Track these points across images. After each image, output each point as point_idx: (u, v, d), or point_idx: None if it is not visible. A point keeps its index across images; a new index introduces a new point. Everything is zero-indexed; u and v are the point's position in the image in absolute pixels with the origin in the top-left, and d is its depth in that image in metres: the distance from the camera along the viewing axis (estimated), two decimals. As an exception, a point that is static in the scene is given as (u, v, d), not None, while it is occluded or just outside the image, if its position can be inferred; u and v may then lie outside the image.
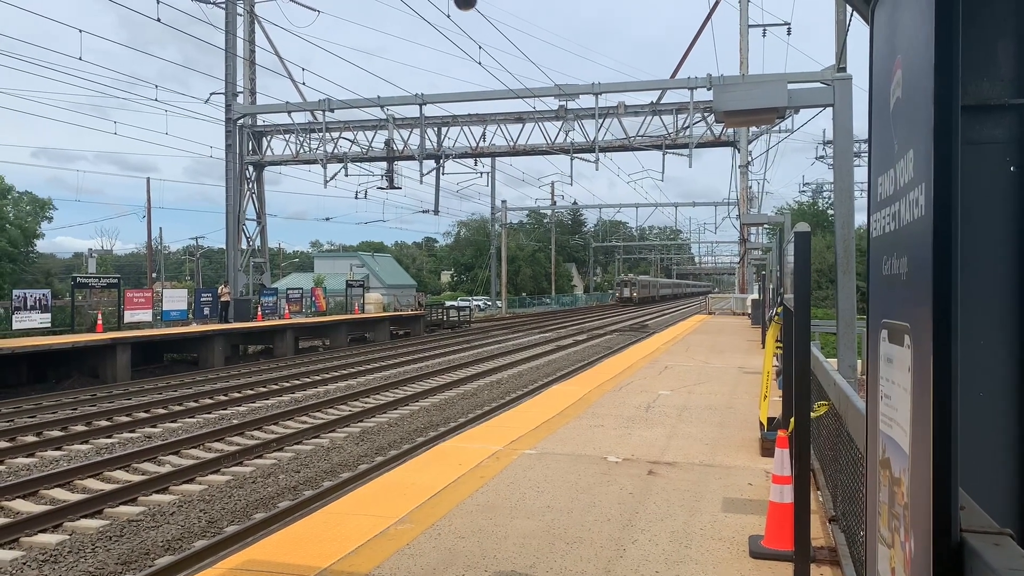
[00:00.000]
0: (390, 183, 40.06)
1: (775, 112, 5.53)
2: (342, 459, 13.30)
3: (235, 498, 10.94)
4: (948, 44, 1.86)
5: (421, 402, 19.21)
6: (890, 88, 2.39)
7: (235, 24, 38.84)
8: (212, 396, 19.92)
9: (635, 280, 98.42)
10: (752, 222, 25.69)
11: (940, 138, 1.83)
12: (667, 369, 17.60)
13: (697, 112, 35.63)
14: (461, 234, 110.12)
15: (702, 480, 7.74)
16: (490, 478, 7.74)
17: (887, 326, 2.37)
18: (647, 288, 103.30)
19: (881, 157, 2.52)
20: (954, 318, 1.81)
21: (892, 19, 2.44)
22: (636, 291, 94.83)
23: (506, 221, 73.57)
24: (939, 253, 1.83)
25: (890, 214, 2.37)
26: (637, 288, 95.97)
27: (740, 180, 40.25)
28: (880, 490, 2.46)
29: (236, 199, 40.50)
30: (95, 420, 16.47)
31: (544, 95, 35.95)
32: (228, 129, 40.03)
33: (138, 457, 13.00)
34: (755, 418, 9.98)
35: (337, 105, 37.94)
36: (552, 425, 10.62)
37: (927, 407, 1.86)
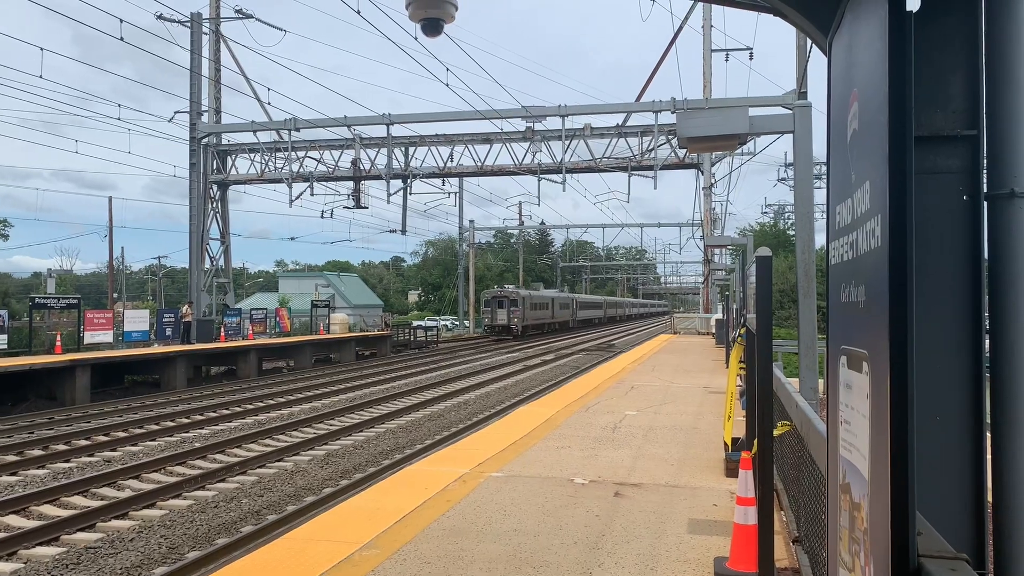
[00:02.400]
0: (357, 203, 39.89)
1: (737, 138, 5.63)
2: (306, 483, 13.13)
3: (197, 523, 10.75)
4: (901, 79, 1.92)
5: (387, 424, 19.07)
6: (847, 120, 2.44)
7: (200, 43, 38.60)
8: (174, 419, 19.58)
9: (519, 296, 59.19)
10: (716, 243, 26.01)
11: (895, 172, 1.88)
12: (633, 389, 17.67)
13: (662, 135, 36.06)
14: (429, 254, 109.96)
15: (668, 501, 7.77)
16: (457, 501, 7.69)
17: (846, 352, 2.41)
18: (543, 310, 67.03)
19: (839, 187, 2.57)
20: (910, 347, 1.85)
21: (848, 53, 2.50)
22: (520, 315, 58.44)
23: (474, 241, 73.62)
24: (895, 284, 1.87)
25: (848, 243, 2.42)
26: (523, 309, 58.75)
27: (704, 202, 40.74)
28: (841, 514, 2.49)
29: (200, 218, 40.06)
30: (52, 444, 16.10)
31: (511, 116, 36.15)
32: (192, 148, 39.64)
33: (97, 482, 12.72)
34: (720, 438, 10.06)
35: (303, 124, 37.80)
36: (519, 447, 10.60)
37: (885, 434, 1.89)
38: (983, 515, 2.72)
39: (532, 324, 63.16)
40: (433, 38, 3.76)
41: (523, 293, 61.31)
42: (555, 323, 72.40)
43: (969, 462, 2.74)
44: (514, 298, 59.10)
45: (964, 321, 2.82)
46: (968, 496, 2.68)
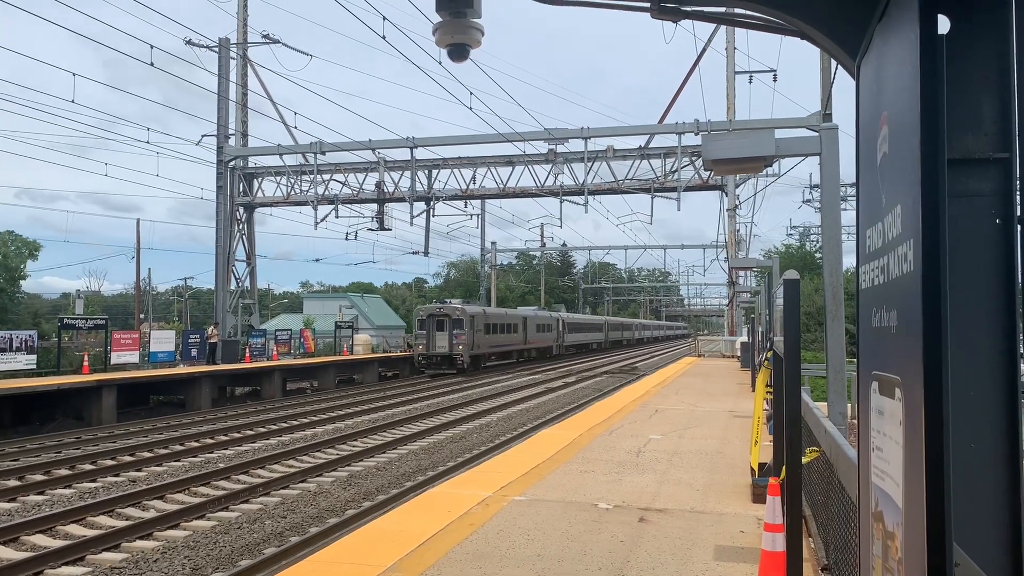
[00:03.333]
0: (380, 225, 40.15)
1: (763, 160, 5.61)
2: (329, 504, 13.13)
3: (220, 544, 10.76)
4: (933, 102, 1.90)
5: (409, 445, 19.04)
6: (877, 143, 2.42)
7: (228, 68, 39.20)
8: (198, 439, 19.69)
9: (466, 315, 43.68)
10: (741, 266, 25.85)
11: (927, 196, 1.86)
12: (657, 413, 17.54)
13: (685, 156, 36.03)
14: (451, 275, 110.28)
15: (694, 527, 7.67)
16: (480, 525, 7.65)
17: (878, 378, 2.37)
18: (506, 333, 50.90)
19: (869, 210, 2.54)
20: (945, 373, 1.82)
21: (878, 76, 2.48)
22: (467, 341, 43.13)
23: (495, 263, 73.75)
24: (929, 309, 1.84)
25: (879, 267, 2.39)
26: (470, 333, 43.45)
27: (728, 223, 40.56)
28: (873, 543, 2.44)
29: (226, 240, 40.48)
30: (79, 464, 16.23)
31: (534, 139, 36.30)
32: (219, 171, 40.15)
33: (122, 502, 12.79)
34: (746, 463, 9.94)
35: (328, 147, 38.19)
36: (542, 470, 10.54)
37: (920, 462, 1.86)
38: (1021, 546, 2.65)
39: (490, 352, 47.93)
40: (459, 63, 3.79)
41: (472, 310, 44.50)
42: (528, 350, 56.94)
43: (1005, 491, 2.68)
44: (458, 317, 42.69)
45: (998, 347, 2.77)
46: (1005, 526, 2.62)
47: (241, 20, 40.31)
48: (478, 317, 44.87)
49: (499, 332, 49.45)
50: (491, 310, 50.81)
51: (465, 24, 3.42)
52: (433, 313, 43.70)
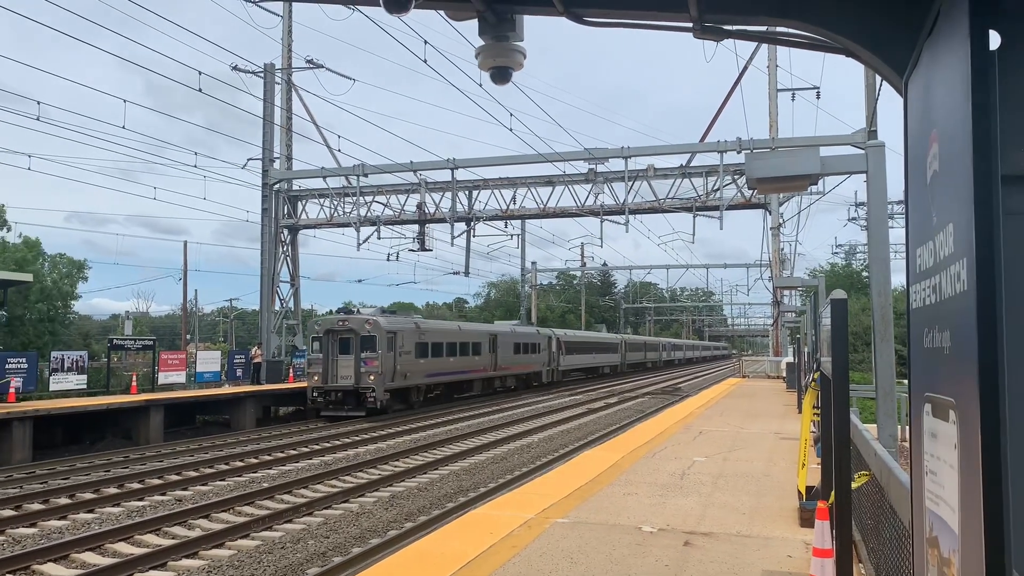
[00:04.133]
0: (422, 245, 40.46)
1: (808, 179, 5.55)
2: (371, 525, 13.16)
3: (264, 564, 10.84)
4: (985, 119, 1.87)
5: (451, 466, 19.03)
6: (926, 160, 2.38)
7: (273, 92, 39.97)
8: (243, 459, 19.92)
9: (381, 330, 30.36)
10: (785, 285, 25.52)
11: (981, 214, 1.82)
12: (701, 434, 17.32)
13: (727, 175, 35.75)
14: (491, 295, 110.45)
15: (740, 552, 7.54)
16: (522, 548, 7.60)
17: (930, 400, 2.32)
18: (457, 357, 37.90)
19: (919, 229, 2.50)
20: (1001, 395, 1.77)
21: (926, 93, 2.45)
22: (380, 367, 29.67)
23: (536, 282, 73.79)
24: (984, 329, 1.80)
25: (930, 286, 2.34)
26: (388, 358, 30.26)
27: (772, 242, 40.09)
28: (928, 570, 2.38)
29: (271, 262, 41.10)
30: (127, 482, 16.52)
31: (573, 159, 36.34)
32: (264, 194, 40.85)
33: (168, 521, 12.98)
34: (793, 486, 9.75)
35: (371, 170, 38.64)
36: (584, 492, 10.45)
37: (976, 486, 1.81)
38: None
39: (427, 384, 34.56)
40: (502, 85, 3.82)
41: (394, 323, 31.80)
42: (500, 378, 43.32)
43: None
44: (369, 333, 29.98)
45: (1057, 368, 2.69)
46: (1067, 553, 2.53)
47: (286, 45, 41.13)
48: (404, 334, 31.36)
49: (445, 355, 35.64)
50: (429, 323, 36.62)
51: (508, 47, 3.45)
52: (333, 328, 30.15)
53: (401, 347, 31.19)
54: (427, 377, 34.35)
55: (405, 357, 31.51)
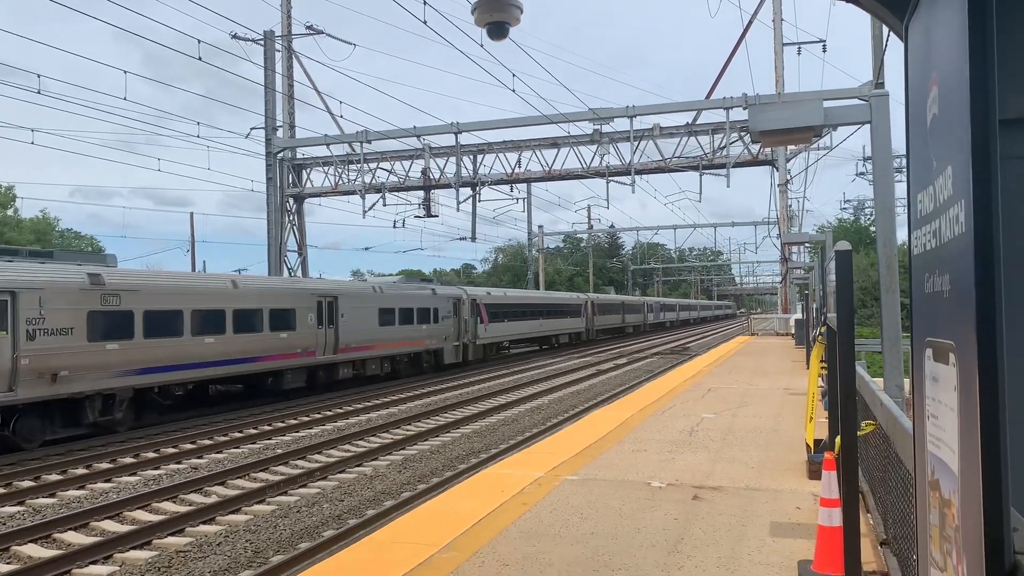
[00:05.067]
0: (427, 211, 40.39)
1: (812, 131, 5.50)
2: (385, 487, 13.33)
3: (280, 528, 11.02)
4: (982, 59, 1.86)
5: (462, 429, 19.21)
6: (926, 105, 2.37)
7: (273, 60, 39.68)
8: (256, 426, 20.13)
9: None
10: (793, 241, 25.44)
11: (978, 154, 1.82)
12: (710, 392, 17.40)
13: (734, 132, 35.46)
14: (498, 260, 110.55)
15: (748, 504, 7.62)
16: (533, 504, 7.70)
17: (931, 344, 2.33)
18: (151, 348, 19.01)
19: (920, 174, 2.49)
20: (999, 334, 1.78)
21: (926, 36, 2.43)
22: None
23: (543, 246, 73.74)
24: (981, 269, 1.81)
25: (931, 231, 2.35)
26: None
27: (780, 199, 39.89)
28: (930, 512, 2.41)
29: (277, 231, 41.14)
30: (143, 452, 16.73)
31: (578, 119, 36.06)
32: (268, 163, 40.76)
33: (185, 488, 13.17)
34: (801, 440, 9.82)
35: (374, 136, 38.46)
36: (594, 450, 10.55)
37: (975, 426, 1.83)
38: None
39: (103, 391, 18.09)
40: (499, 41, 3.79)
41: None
42: (338, 365, 27.66)
43: (1068, 457, 2.62)
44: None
45: (1058, 309, 2.70)
46: (1068, 492, 2.56)
47: (285, 12, 40.75)
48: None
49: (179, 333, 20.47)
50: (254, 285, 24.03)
51: (503, 2, 3.42)
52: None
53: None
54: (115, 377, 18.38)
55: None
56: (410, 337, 32.02)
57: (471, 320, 37.94)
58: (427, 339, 33.32)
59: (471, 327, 37.91)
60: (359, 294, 29.25)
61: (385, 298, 30.60)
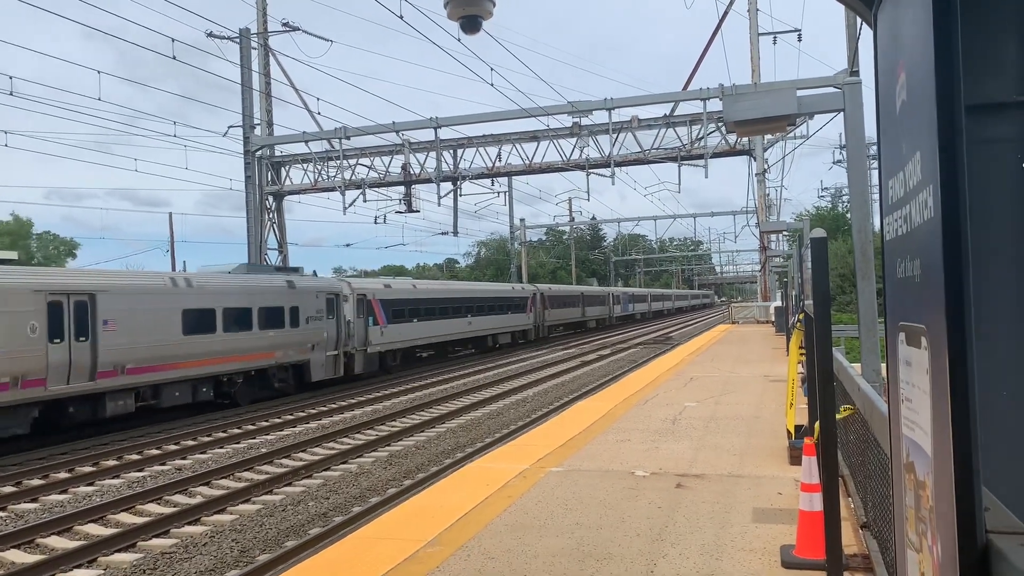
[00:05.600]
0: (408, 207, 40.29)
1: (786, 119, 5.53)
2: (370, 484, 13.32)
3: (266, 527, 10.99)
4: (947, 44, 1.88)
5: (447, 423, 19.22)
6: (895, 91, 2.39)
7: (250, 58, 39.38)
8: (240, 425, 20.03)
9: None
10: (771, 229, 25.60)
11: (945, 138, 1.84)
12: (692, 380, 17.50)
13: (711, 123, 35.57)
14: (481, 254, 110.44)
15: (731, 491, 7.68)
16: (518, 497, 7.72)
17: (904, 329, 2.36)
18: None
19: (890, 160, 2.52)
20: (968, 317, 1.81)
21: (894, 22, 2.45)
22: None
23: (525, 239, 73.73)
24: (950, 253, 1.83)
25: (901, 216, 2.37)
26: None
27: (757, 188, 40.09)
28: (906, 494, 2.44)
29: (257, 230, 40.88)
30: (125, 454, 16.61)
31: (557, 112, 36.04)
32: (247, 161, 40.48)
33: (169, 489, 13.09)
34: (783, 427, 9.90)
35: (353, 132, 38.27)
36: (578, 442, 10.59)
37: (946, 408, 1.85)
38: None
39: None
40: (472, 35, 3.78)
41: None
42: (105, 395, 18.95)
43: (1040, 437, 2.66)
44: None
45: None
46: (1039, 471, 2.60)
47: (260, 9, 40.43)
48: None
49: None
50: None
51: (476, -4, 3.42)
52: None
53: None
54: None
55: None
56: (245, 348, 23.11)
57: (359, 322, 29.24)
58: (279, 349, 24.52)
59: (358, 331, 29.17)
60: (142, 289, 20.43)
61: (195, 295, 21.84)
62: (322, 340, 26.86)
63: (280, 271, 28.54)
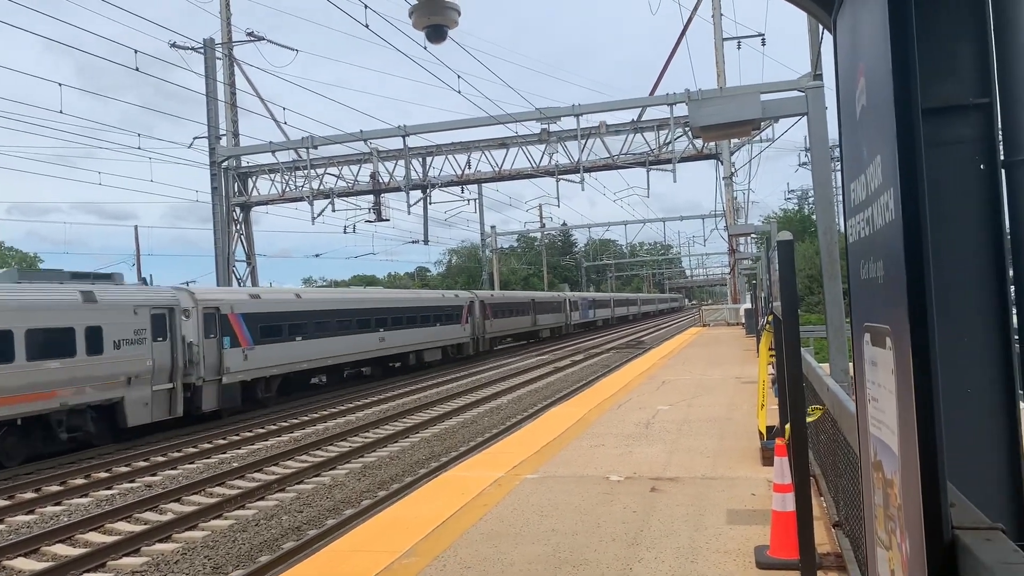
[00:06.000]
0: (378, 216, 40.15)
1: (751, 124, 5.60)
2: (344, 496, 13.21)
3: (239, 542, 10.85)
4: (904, 49, 1.90)
5: (422, 433, 19.13)
6: (856, 96, 2.43)
7: (214, 68, 39.06)
8: (211, 440, 19.78)
9: None
10: (740, 232, 25.88)
11: (904, 142, 1.87)
12: (665, 384, 17.59)
13: (678, 127, 35.88)
14: (452, 262, 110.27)
15: (705, 494, 7.72)
16: (493, 505, 7.70)
17: (869, 329, 2.39)
18: None
19: (852, 164, 2.56)
20: (930, 317, 1.83)
21: (853, 29, 2.49)
22: None
23: (496, 246, 73.77)
24: (911, 255, 1.85)
25: (864, 219, 2.41)
26: None
27: (725, 192, 40.49)
28: (875, 493, 2.47)
29: (225, 241, 40.50)
30: (93, 472, 16.33)
31: (526, 119, 36.17)
32: (213, 172, 40.11)
33: (139, 507, 12.89)
34: (755, 428, 9.98)
35: (320, 142, 38.09)
36: (553, 448, 10.59)
37: (911, 407, 1.88)
38: (1021, 486, 2.68)
39: None
40: (438, 44, 3.79)
41: None
42: None
43: (1003, 433, 2.71)
44: None
45: (989, 291, 2.79)
46: (1004, 467, 2.65)
47: (224, 19, 40.14)
48: None
49: None
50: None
51: (441, 5, 3.42)
52: None
53: None
54: None
55: None
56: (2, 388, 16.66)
57: (208, 344, 22.90)
58: (66, 387, 18.14)
59: (208, 355, 22.79)
60: None
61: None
62: (143, 371, 20.30)
63: (78, 279, 20.58)
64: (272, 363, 25.58)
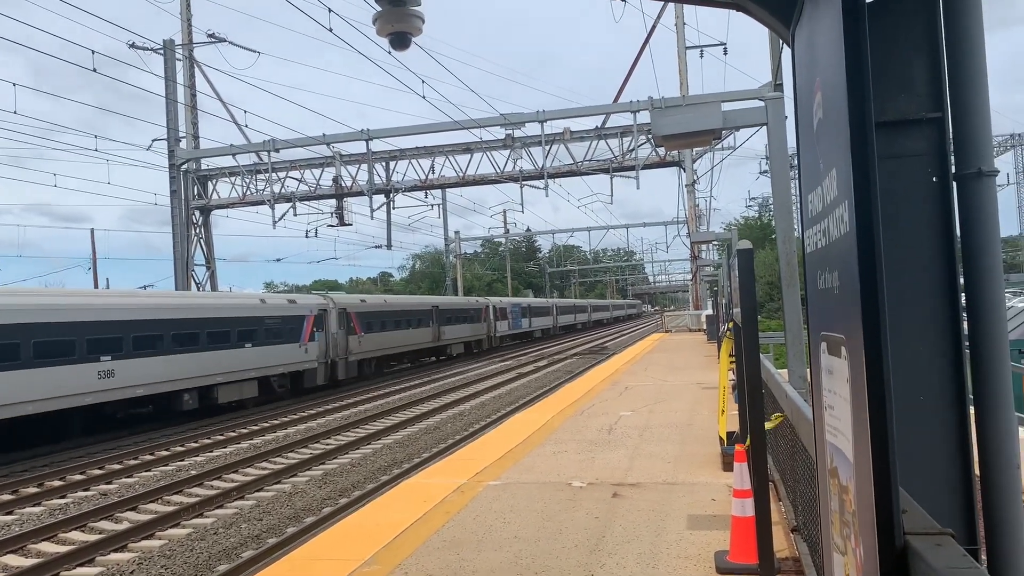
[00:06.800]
0: (340, 220, 39.86)
1: (712, 134, 5.68)
2: (305, 504, 13.08)
3: (197, 551, 10.68)
4: (858, 63, 1.94)
5: (383, 439, 19.01)
6: (812, 109, 2.47)
7: (174, 69, 38.53)
8: (168, 447, 19.46)
9: None
10: (701, 239, 26.15)
11: (858, 156, 1.90)
12: (628, 390, 17.70)
13: (641, 135, 36.18)
14: (416, 267, 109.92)
15: (666, 499, 7.78)
16: (456, 512, 7.69)
17: (825, 338, 2.43)
18: None
19: (809, 176, 2.60)
20: (883, 328, 1.87)
21: (810, 43, 2.54)
22: None
23: (460, 252, 73.65)
24: (865, 266, 1.89)
25: (820, 230, 2.45)
26: None
27: (687, 199, 40.90)
28: (831, 499, 2.51)
29: (183, 245, 39.92)
30: (47, 480, 15.97)
31: (490, 125, 36.20)
32: (172, 175, 39.53)
33: (94, 516, 12.63)
34: (715, 434, 10.08)
35: (282, 145, 37.74)
36: (516, 454, 10.60)
37: (865, 415, 1.92)
38: (972, 491, 2.75)
39: None
40: (402, 51, 3.78)
41: None
42: None
43: (954, 440, 2.78)
44: None
45: (941, 300, 2.85)
46: (956, 473, 2.71)
47: (185, 20, 39.63)
48: None
49: None
50: None
51: (404, 12, 3.42)
52: None
53: None
54: None
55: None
56: None
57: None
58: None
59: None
60: None
61: None
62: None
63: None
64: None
